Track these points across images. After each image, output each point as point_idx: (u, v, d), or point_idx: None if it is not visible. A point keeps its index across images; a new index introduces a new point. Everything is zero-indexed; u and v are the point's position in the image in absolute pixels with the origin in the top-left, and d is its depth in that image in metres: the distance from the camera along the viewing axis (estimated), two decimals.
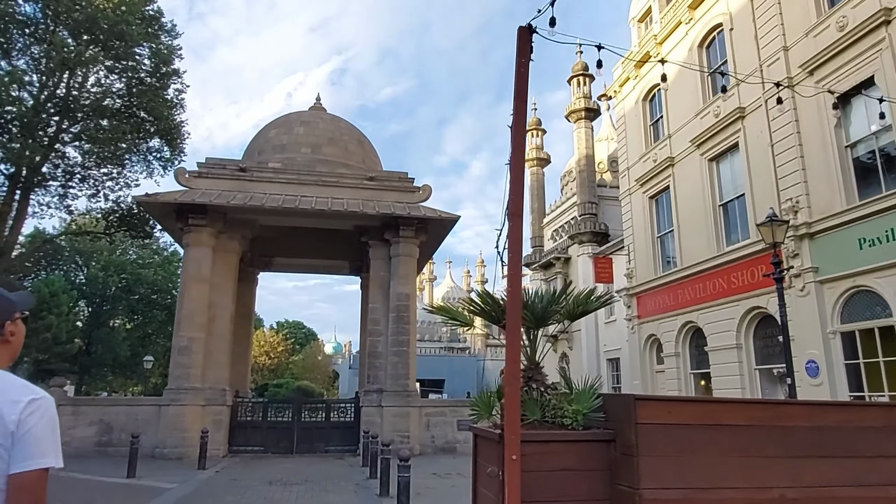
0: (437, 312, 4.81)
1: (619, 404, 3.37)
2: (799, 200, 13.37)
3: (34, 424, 1.59)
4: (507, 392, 3.25)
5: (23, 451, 1.56)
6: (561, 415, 3.52)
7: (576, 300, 4.09)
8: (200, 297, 16.38)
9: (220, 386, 16.23)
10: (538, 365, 3.97)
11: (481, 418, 3.90)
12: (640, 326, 19.34)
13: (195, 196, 16.44)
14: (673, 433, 3.19)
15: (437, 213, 17.72)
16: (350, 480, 11.57)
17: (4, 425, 1.55)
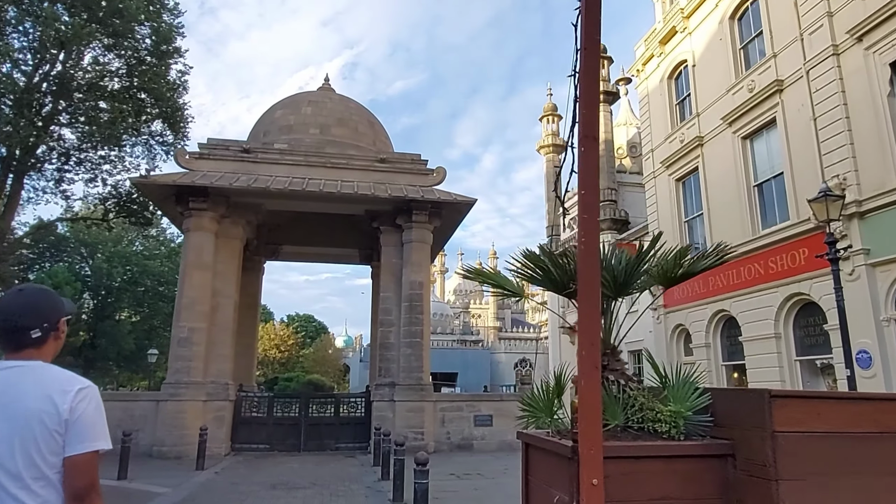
0: (477, 278, 3.84)
1: (741, 403, 2.39)
2: (847, 177, 12.24)
3: (84, 411, 1.78)
4: (584, 389, 2.28)
5: (76, 435, 1.75)
6: (652, 418, 2.55)
7: (676, 256, 3.12)
8: (202, 285, 15.51)
9: (223, 380, 15.38)
10: (615, 349, 3.01)
11: (537, 423, 2.94)
12: (666, 316, 18.28)
13: (196, 178, 15.54)
14: (824, 446, 2.21)
15: (451, 196, 16.73)
16: (361, 482, 10.66)
17: (58, 413, 1.74)
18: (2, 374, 1.80)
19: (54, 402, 1.75)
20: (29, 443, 1.72)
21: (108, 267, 42.11)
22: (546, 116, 34.96)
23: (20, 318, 1.86)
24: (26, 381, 1.78)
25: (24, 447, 1.72)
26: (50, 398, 1.75)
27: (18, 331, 1.85)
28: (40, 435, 1.73)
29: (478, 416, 16.29)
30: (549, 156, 34.12)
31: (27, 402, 1.75)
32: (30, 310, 1.88)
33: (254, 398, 16.55)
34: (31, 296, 1.94)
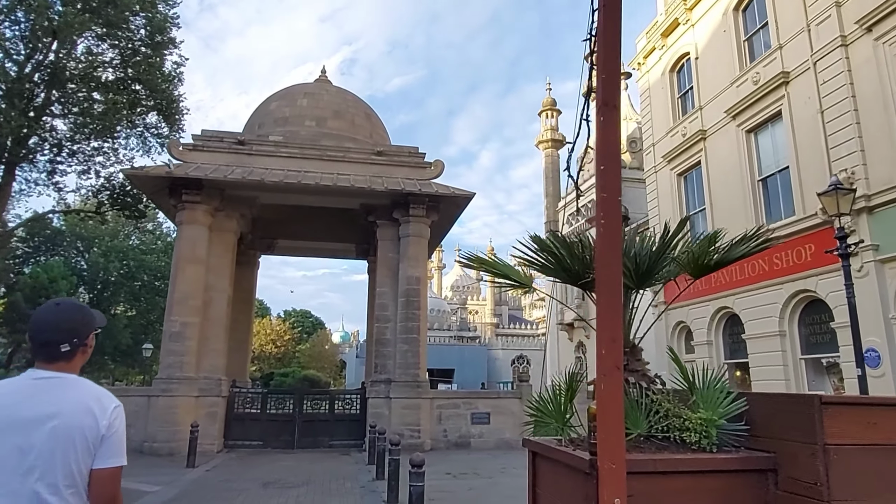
0: (479, 267, 3.54)
1: (784, 411, 2.10)
2: (855, 171, 11.96)
3: (117, 429, 1.91)
4: (604, 393, 1.98)
5: (108, 450, 1.87)
6: (679, 426, 2.25)
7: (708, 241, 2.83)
8: (195, 278, 15.19)
9: (216, 375, 15.07)
10: (635, 346, 2.72)
11: (546, 430, 2.64)
12: (666, 313, 17.99)
13: (189, 170, 15.19)
14: (883, 461, 1.91)
15: (449, 189, 16.41)
16: (355, 481, 10.37)
17: (98, 428, 1.85)
18: (38, 383, 1.89)
19: (95, 418, 1.86)
20: (69, 454, 1.82)
21: (105, 261, 41.73)
22: (545, 111, 34.64)
23: (53, 332, 1.94)
24: (68, 395, 1.87)
25: (65, 458, 1.81)
26: (92, 413, 1.86)
27: (50, 344, 1.93)
28: (80, 447, 1.83)
29: (475, 414, 16.02)
30: (547, 151, 33.81)
31: (70, 417, 1.83)
32: (63, 325, 1.96)
33: (247, 394, 16.24)
34: (65, 311, 2.01)
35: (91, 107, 18.00)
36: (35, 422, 1.81)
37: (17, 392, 1.88)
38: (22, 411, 1.83)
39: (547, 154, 33.68)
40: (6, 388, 1.90)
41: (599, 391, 2.00)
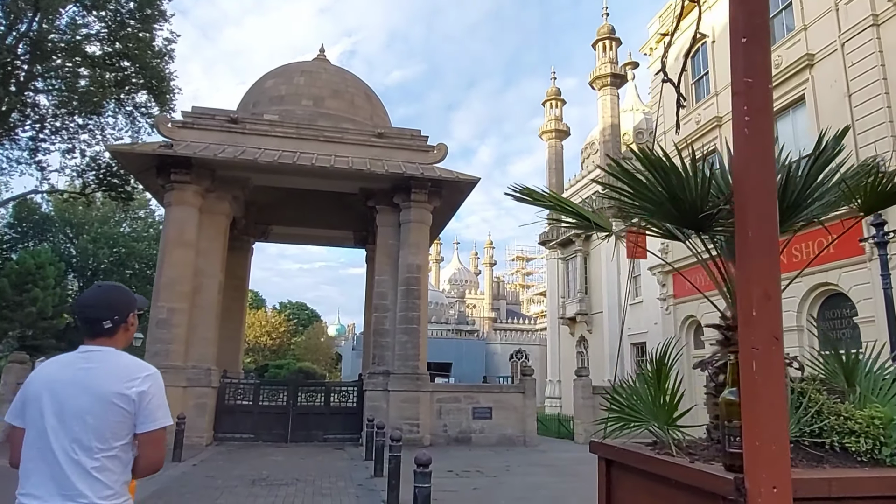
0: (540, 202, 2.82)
1: None
2: (885, 157, 11.26)
3: (154, 394, 2.08)
4: (755, 379, 1.26)
5: (146, 415, 2.04)
6: (839, 427, 1.54)
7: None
8: (183, 262, 14.43)
9: (206, 365, 14.33)
10: None
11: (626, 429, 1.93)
12: (675, 307, 17.35)
13: (178, 148, 14.41)
14: None
15: (453, 174, 15.66)
16: (351, 479, 9.66)
17: (129, 395, 2.02)
18: (82, 356, 2.09)
19: (126, 386, 2.03)
20: (101, 420, 1.99)
21: (94, 248, 40.87)
22: (549, 101, 33.91)
23: (94, 310, 2.13)
24: (103, 366, 2.06)
25: (97, 423, 1.99)
26: (123, 382, 2.03)
27: (93, 321, 2.12)
28: (112, 413, 2.00)
29: (476, 409, 15.34)
30: (551, 142, 33.09)
31: (103, 385, 2.01)
32: (103, 303, 2.15)
33: (239, 385, 15.50)
34: (106, 291, 2.22)
35: (76, 82, 17.16)
36: (77, 388, 2.01)
37: (65, 363, 2.11)
38: (64, 380, 2.04)
39: (550, 145, 32.93)
40: (59, 361, 2.14)
41: (747, 375, 1.29)
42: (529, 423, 15.44)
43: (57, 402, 2.00)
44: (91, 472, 1.96)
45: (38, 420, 2.00)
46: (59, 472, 1.95)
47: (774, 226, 1.47)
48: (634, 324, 23.74)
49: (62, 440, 1.97)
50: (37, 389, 2.04)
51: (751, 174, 1.45)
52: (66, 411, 1.99)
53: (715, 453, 1.66)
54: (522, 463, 12.06)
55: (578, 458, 12.98)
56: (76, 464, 1.95)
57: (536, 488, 9.22)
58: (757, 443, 1.23)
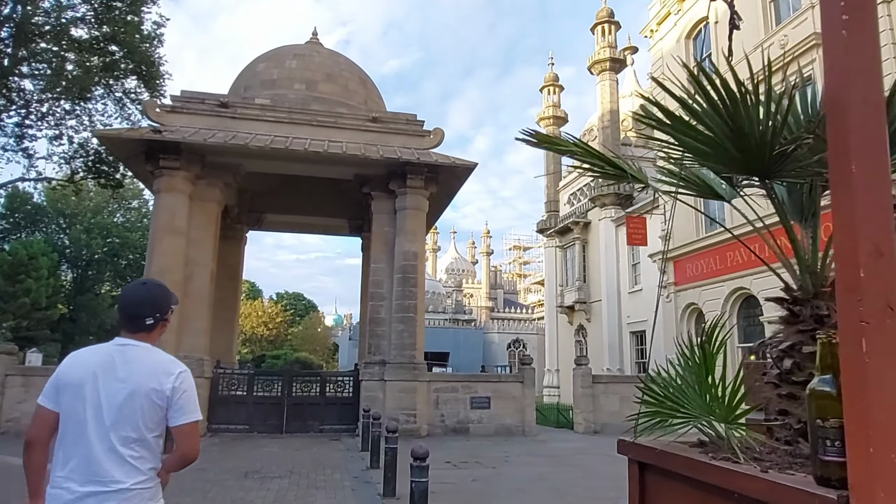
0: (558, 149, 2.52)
1: None
2: None
3: (185, 390, 2.21)
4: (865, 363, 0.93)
5: (179, 409, 2.17)
6: None
7: None
8: (174, 251, 14.07)
9: (198, 355, 14.00)
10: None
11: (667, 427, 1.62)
12: (676, 294, 17.09)
13: (167, 133, 14.00)
14: None
15: (449, 159, 15.30)
16: (347, 471, 9.39)
17: (163, 391, 2.15)
18: (119, 349, 2.22)
19: (160, 381, 2.17)
20: (137, 411, 2.13)
21: (87, 238, 40.42)
22: (547, 87, 33.48)
23: (139, 307, 2.28)
24: (140, 361, 2.20)
25: (134, 416, 2.12)
26: (157, 377, 2.17)
27: (137, 318, 2.26)
28: (147, 406, 2.14)
29: (474, 399, 15.09)
30: (549, 129, 32.66)
31: (140, 379, 2.15)
32: (148, 302, 2.30)
33: (232, 376, 15.19)
34: (150, 290, 2.37)
35: (62, 66, 16.69)
36: (116, 380, 2.13)
37: (104, 355, 2.19)
38: (104, 372, 2.14)
39: (548, 132, 32.51)
40: (96, 352, 2.23)
41: (853, 358, 0.98)
42: (528, 413, 15.20)
43: (96, 393, 2.12)
44: (127, 459, 2.10)
45: (78, 408, 2.11)
46: (95, 458, 2.07)
47: (885, 156, 1.15)
48: (634, 312, 23.49)
49: (100, 429, 2.09)
50: (78, 378, 2.15)
51: (853, 88, 1.14)
52: (105, 402, 2.11)
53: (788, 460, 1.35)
54: (522, 453, 11.82)
55: (579, 448, 12.77)
56: (113, 451, 2.08)
57: (537, 479, 8.97)
58: (871, 449, 0.92)
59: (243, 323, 61.69)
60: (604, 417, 15.96)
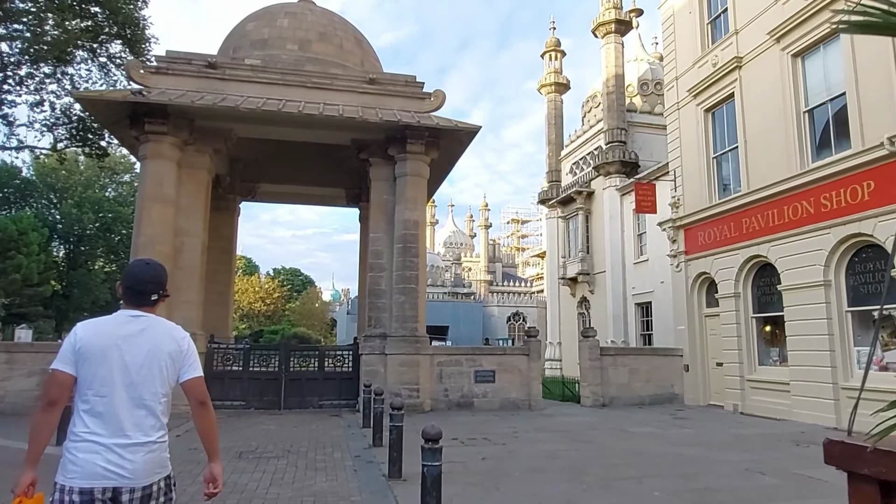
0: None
1: None
2: None
3: (193, 350, 2.66)
4: None
5: (191, 365, 2.62)
6: None
7: None
8: (162, 220, 13.37)
9: (190, 329, 13.13)
10: None
11: None
12: (687, 264, 16.47)
13: (151, 95, 13.18)
14: None
15: (451, 122, 14.53)
16: (348, 450, 8.86)
17: (179, 350, 2.58)
18: (133, 318, 2.56)
19: (178, 343, 2.60)
20: (163, 370, 2.51)
21: (79, 213, 39.61)
22: (548, 52, 32.39)
23: (147, 284, 2.64)
24: (154, 328, 2.58)
25: (160, 373, 2.50)
26: (175, 340, 2.60)
27: (145, 294, 2.62)
28: (168, 364, 2.53)
29: (479, 372, 14.59)
30: (550, 95, 31.74)
31: (159, 342, 2.54)
32: (154, 280, 2.68)
33: (227, 350, 14.62)
34: (155, 269, 2.73)
35: (42, 27, 15.73)
36: (136, 346, 2.48)
37: (122, 324, 2.53)
38: (125, 338, 2.48)
39: (550, 99, 31.56)
40: (111, 321, 2.56)
41: None
42: (535, 387, 14.72)
43: (121, 357, 2.42)
44: (150, 413, 2.44)
45: (103, 371, 2.40)
46: (125, 415, 2.38)
47: None
48: (638, 283, 22.94)
49: (128, 389, 2.41)
50: (101, 345, 2.43)
51: None
52: (131, 364, 2.43)
53: None
54: (530, 428, 11.33)
55: (588, 423, 12.29)
56: (140, 407, 2.42)
57: (550, 457, 8.45)
58: None
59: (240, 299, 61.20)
60: (612, 390, 15.50)
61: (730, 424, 12.00)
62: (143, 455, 2.38)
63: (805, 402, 12.10)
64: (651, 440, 10.08)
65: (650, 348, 18.86)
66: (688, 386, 15.98)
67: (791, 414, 12.38)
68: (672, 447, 9.30)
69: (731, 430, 11.13)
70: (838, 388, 11.47)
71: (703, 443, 9.76)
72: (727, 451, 8.90)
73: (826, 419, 11.48)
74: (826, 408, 11.59)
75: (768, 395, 13.35)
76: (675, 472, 7.39)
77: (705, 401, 15.50)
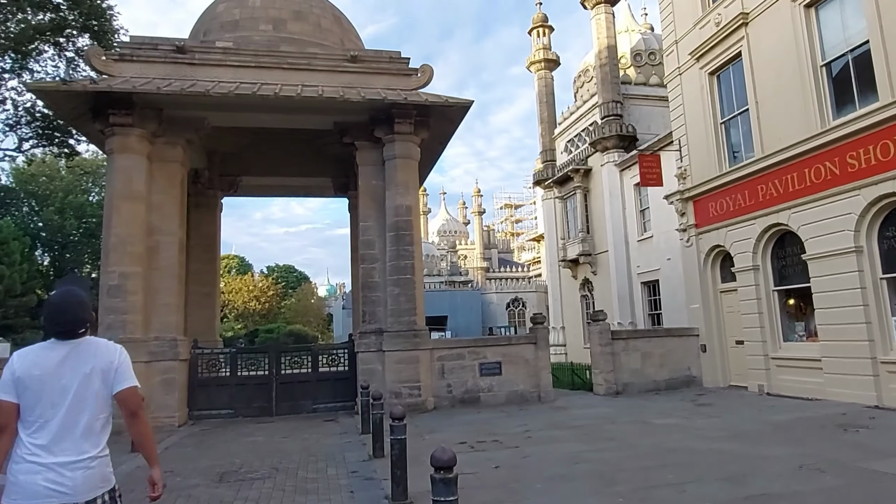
0: None
1: None
2: None
3: (123, 362, 2.79)
4: None
5: (120, 378, 2.74)
6: None
7: None
8: (134, 219, 12.30)
9: (170, 335, 12.40)
10: None
11: None
12: (698, 238, 15.52)
13: (114, 83, 12.06)
14: None
15: (441, 98, 13.47)
16: (344, 464, 7.89)
17: (111, 365, 2.71)
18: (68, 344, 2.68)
19: (109, 359, 2.73)
20: (100, 389, 2.66)
21: (60, 219, 38.37)
22: (536, 28, 31.26)
23: (75, 323, 2.71)
24: (90, 350, 2.72)
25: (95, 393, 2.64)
26: (106, 357, 2.73)
27: (72, 331, 2.70)
28: (102, 383, 2.67)
29: (483, 365, 13.65)
30: (540, 73, 30.64)
31: (95, 363, 2.68)
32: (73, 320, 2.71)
33: (212, 355, 13.61)
34: (80, 304, 2.75)
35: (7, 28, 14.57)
36: (71, 370, 2.62)
37: (54, 349, 2.66)
38: (60, 363, 2.62)
39: (540, 76, 30.44)
40: (44, 348, 2.68)
41: None
42: (544, 377, 13.79)
43: (56, 382, 2.59)
44: (89, 433, 2.61)
45: (45, 396, 2.57)
46: (66, 434, 2.56)
47: None
48: (644, 261, 22.02)
49: (66, 411, 2.57)
50: (38, 374, 2.59)
51: None
52: (67, 387, 2.60)
53: None
54: (544, 426, 10.40)
55: (605, 416, 11.37)
56: (77, 427, 2.58)
57: (571, 461, 7.52)
58: None
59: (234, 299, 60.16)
60: (625, 377, 14.60)
61: (760, 409, 11.09)
62: (82, 472, 2.54)
63: (840, 380, 11.20)
64: (679, 433, 9.16)
65: (664, 329, 17.94)
66: (706, 367, 15.08)
67: (825, 393, 11.49)
68: (705, 442, 8.37)
69: (763, 417, 10.22)
70: (877, 363, 10.57)
71: (739, 434, 8.84)
72: (770, 445, 7.97)
73: (865, 397, 10.60)
74: (865, 385, 10.70)
75: (797, 374, 12.45)
76: (719, 475, 6.45)
77: (725, 382, 14.61)
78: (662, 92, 20.79)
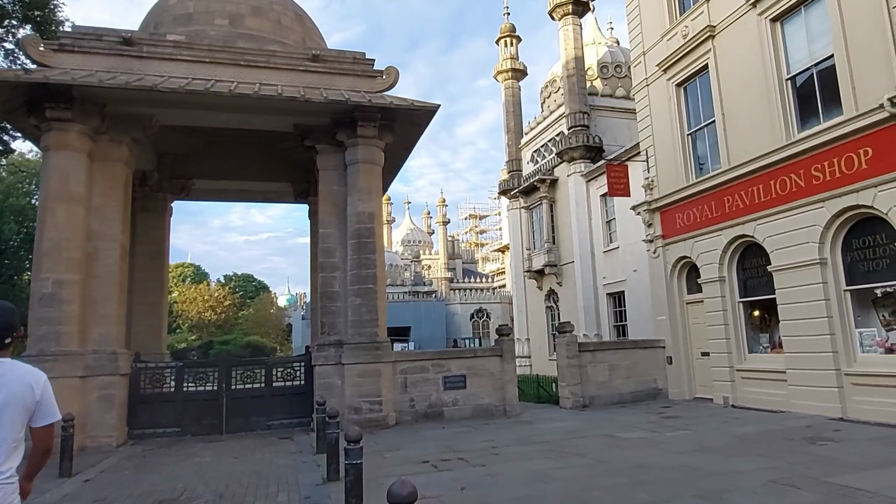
0: None
1: None
2: None
3: (47, 394, 2.69)
4: None
5: (44, 412, 2.69)
6: None
7: None
8: (70, 223, 11.37)
9: (109, 348, 11.47)
10: None
11: None
12: (665, 249, 15.42)
13: (52, 74, 11.17)
14: None
15: (407, 101, 12.99)
16: (297, 489, 7.23)
17: (33, 396, 2.65)
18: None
19: (32, 389, 2.65)
20: (15, 417, 2.58)
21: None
22: (503, 38, 31.22)
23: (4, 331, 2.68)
24: (12, 371, 2.64)
25: (12, 420, 2.57)
26: (29, 386, 2.64)
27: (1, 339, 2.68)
28: (22, 411, 2.60)
29: (447, 378, 13.14)
30: (507, 82, 30.58)
31: (15, 388, 2.61)
32: (5, 324, 2.71)
33: (156, 370, 12.68)
34: (7, 312, 2.76)
35: None
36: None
37: None
38: None
39: (507, 86, 30.37)
40: None
41: None
42: (509, 391, 13.37)
43: None
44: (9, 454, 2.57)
45: None
46: None
47: None
48: (609, 272, 21.94)
49: None
50: None
51: None
52: None
53: None
54: (510, 441, 9.95)
55: (572, 430, 11.00)
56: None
57: (541, 479, 7.07)
58: None
59: (188, 308, 58.07)
60: (592, 389, 14.30)
61: (726, 421, 10.90)
62: None
63: (804, 392, 11.12)
64: (648, 448, 8.84)
65: (631, 341, 17.77)
66: (672, 379, 14.93)
67: (789, 405, 11.40)
68: (675, 456, 8.06)
69: (730, 429, 10.01)
70: (841, 375, 10.51)
71: (708, 448, 8.57)
72: (739, 458, 7.71)
73: (829, 409, 10.52)
74: (828, 397, 10.62)
75: (762, 386, 12.36)
76: (692, 492, 6.11)
77: (691, 394, 14.47)
78: (629, 104, 20.88)
